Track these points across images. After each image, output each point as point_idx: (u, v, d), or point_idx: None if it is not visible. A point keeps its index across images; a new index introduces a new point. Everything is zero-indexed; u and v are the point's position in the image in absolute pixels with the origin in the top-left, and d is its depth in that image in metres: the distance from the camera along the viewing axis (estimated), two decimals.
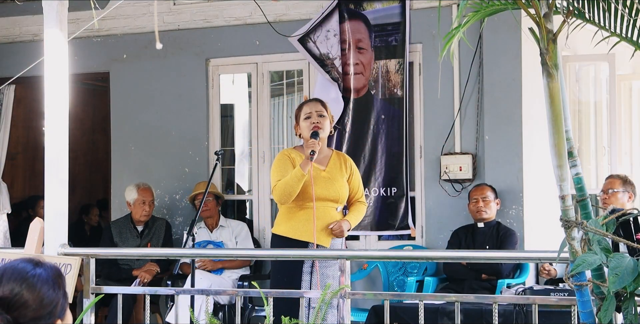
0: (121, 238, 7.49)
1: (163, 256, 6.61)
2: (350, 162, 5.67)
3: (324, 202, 5.44)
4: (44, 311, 2.19)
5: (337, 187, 5.48)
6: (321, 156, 5.54)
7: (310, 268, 5.35)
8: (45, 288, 2.20)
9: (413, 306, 5.36)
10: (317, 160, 5.48)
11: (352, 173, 5.62)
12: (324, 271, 5.35)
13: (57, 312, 2.21)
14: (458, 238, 6.76)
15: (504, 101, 6.90)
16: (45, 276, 2.21)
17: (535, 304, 4.35)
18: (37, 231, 4.92)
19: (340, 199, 5.51)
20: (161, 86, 7.95)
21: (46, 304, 2.19)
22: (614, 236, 3.38)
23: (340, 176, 5.54)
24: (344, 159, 5.66)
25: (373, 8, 7.26)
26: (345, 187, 5.54)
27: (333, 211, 5.48)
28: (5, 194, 8.38)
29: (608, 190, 6.52)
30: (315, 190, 5.39)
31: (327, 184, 5.46)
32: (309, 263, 5.36)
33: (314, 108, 5.52)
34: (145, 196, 7.49)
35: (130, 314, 7.16)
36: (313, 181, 5.38)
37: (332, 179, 5.50)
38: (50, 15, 4.96)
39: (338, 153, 5.72)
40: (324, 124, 5.49)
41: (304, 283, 5.32)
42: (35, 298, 2.17)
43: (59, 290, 2.23)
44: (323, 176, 5.48)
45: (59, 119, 4.96)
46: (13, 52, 8.22)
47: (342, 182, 5.53)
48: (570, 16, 3.48)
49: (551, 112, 3.42)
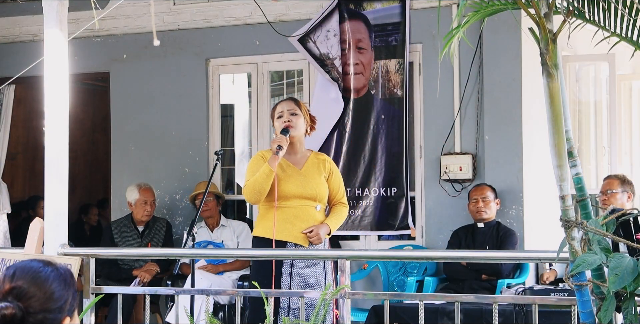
0: (122, 238, 7.49)
1: (163, 256, 6.60)
2: (330, 162, 5.54)
3: (301, 200, 5.33)
4: (53, 306, 2.26)
5: (313, 185, 5.36)
6: (298, 156, 5.46)
7: (289, 268, 5.28)
8: (55, 284, 2.28)
9: (413, 306, 5.36)
10: (294, 160, 5.43)
11: (331, 173, 5.48)
12: (304, 271, 5.28)
13: (66, 309, 2.29)
14: (458, 238, 6.76)
15: (504, 101, 6.90)
16: (56, 273, 2.30)
17: (535, 304, 4.35)
18: (37, 231, 4.92)
19: (318, 197, 5.37)
20: (161, 86, 7.95)
21: (56, 299, 2.26)
22: (614, 236, 3.38)
23: (318, 175, 5.41)
24: (322, 159, 5.52)
25: (373, 8, 7.27)
26: (323, 185, 5.42)
27: (312, 210, 5.36)
28: (5, 194, 8.39)
29: (607, 191, 6.51)
30: (291, 188, 5.32)
31: (302, 182, 5.35)
32: (288, 263, 5.28)
33: (286, 107, 5.43)
34: (146, 196, 7.49)
35: (130, 314, 7.16)
36: (288, 179, 5.32)
37: (308, 177, 5.38)
38: (50, 15, 4.96)
39: (317, 154, 5.59)
40: (296, 122, 5.38)
41: (282, 283, 5.25)
42: (45, 292, 2.25)
43: (68, 288, 2.31)
44: (299, 174, 5.39)
45: (59, 119, 4.96)
46: (13, 52, 8.22)
47: (319, 181, 5.39)
48: (570, 16, 3.48)
49: (551, 112, 3.42)
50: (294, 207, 5.33)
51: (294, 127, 5.38)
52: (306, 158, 5.48)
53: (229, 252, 6.72)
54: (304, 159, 5.48)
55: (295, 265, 5.29)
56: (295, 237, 5.31)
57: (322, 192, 5.40)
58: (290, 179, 5.34)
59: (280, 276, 5.27)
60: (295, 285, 5.26)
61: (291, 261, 5.27)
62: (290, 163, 5.42)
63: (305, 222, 5.33)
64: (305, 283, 5.27)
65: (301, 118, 5.42)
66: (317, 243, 5.31)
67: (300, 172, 5.40)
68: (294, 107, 5.44)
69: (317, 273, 5.30)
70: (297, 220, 5.32)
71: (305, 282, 5.27)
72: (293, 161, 5.44)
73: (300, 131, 5.42)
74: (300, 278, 5.27)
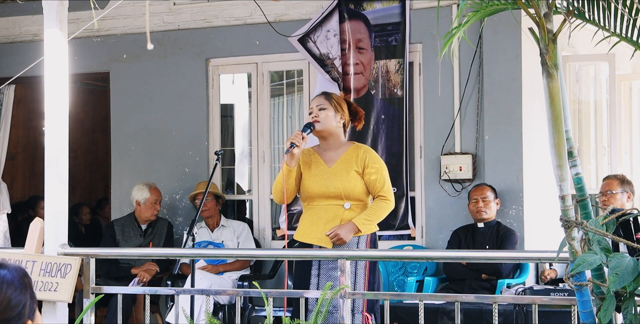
0: (124, 236, 7.50)
1: (163, 256, 6.61)
2: (367, 154, 5.29)
3: (326, 200, 5.21)
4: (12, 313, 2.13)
5: (338, 183, 5.20)
6: (333, 152, 5.32)
7: (317, 270, 5.21)
8: (11, 289, 2.14)
9: (413, 306, 5.36)
10: (328, 157, 5.31)
11: (366, 165, 5.23)
12: (331, 273, 5.16)
13: (26, 313, 2.15)
14: (458, 238, 6.76)
15: (504, 101, 6.90)
16: (10, 277, 2.15)
17: (535, 304, 4.35)
18: (37, 231, 4.92)
19: (344, 195, 5.20)
20: (161, 86, 7.95)
21: (14, 306, 2.13)
22: (614, 236, 3.38)
23: (347, 171, 5.23)
24: (360, 152, 5.29)
25: (373, 8, 7.27)
26: (352, 181, 5.21)
27: (339, 209, 5.22)
28: (5, 194, 8.39)
29: (606, 191, 6.50)
30: (314, 188, 5.23)
31: (326, 181, 5.22)
32: (316, 265, 5.19)
33: (315, 103, 5.34)
34: (157, 196, 7.53)
35: (129, 314, 7.16)
36: (313, 178, 5.24)
37: (334, 174, 5.24)
38: (50, 15, 4.96)
39: (357, 146, 5.35)
40: (324, 116, 5.25)
41: (311, 285, 5.18)
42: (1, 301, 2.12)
43: (25, 291, 2.16)
44: (325, 172, 5.25)
45: (59, 119, 4.96)
46: (13, 52, 8.22)
47: (346, 177, 5.21)
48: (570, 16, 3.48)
49: (551, 112, 3.42)
50: (319, 208, 5.24)
51: (320, 122, 5.26)
52: (343, 152, 5.32)
53: (229, 252, 6.72)
54: (340, 154, 5.32)
55: (322, 266, 5.19)
56: (319, 239, 5.19)
57: (349, 189, 5.21)
58: (314, 179, 5.24)
59: (310, 278, 5.20)
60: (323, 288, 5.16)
61: (318, 262, 5.17)
62: (323, 160, 5.31)
63: (330, 223, 5.20)
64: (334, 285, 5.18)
65: (331, 111, 5.27)
66: (340, 244, 5.15)
67: (328, 170, 5.26)
68: (322, 101, 5.31)
69: None
70: (320, 221, 5.21)
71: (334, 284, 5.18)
72: (327, 157, 5.32)
73: (328, 124, 5.27)
74: (329, 279, 5.11)
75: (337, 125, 5.31)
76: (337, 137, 5.34)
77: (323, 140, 5.35)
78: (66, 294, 4.80)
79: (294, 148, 5.13)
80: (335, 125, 5.30)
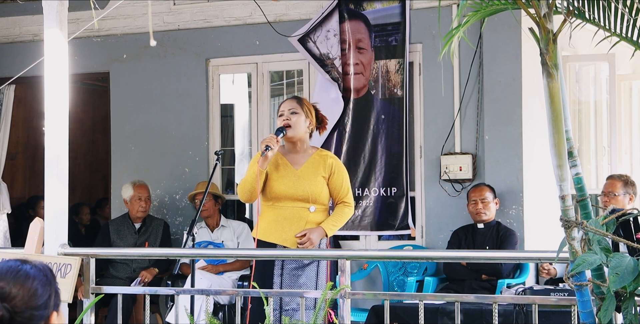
0: (119, 235, 7.54)
1: (163, 256, 6.61)
2: (332, 159, 5.42)
3: (293, 202, 5.28)
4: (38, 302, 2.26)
5: (306, 186, 5.28)
6: (299, 155, 5.40)
7: (280, 270, 5.26)
8: (37, 281, 2.27)
9: (413, 306, 5.36)
10: (294, 160, 5.39)
11: (332, 172, 5.35)
12: (295, 272, 5.25)
13: (51, 304, 2.28)
14: (458, 238, 6.76)
15: (504, 101, 6.90)
16: (35, 271, 2.29)
17: (535, 304, 4.35)
18: (37, 231, 4.92)
19: (311, 198, 5.28)
20: (161, 86, 7.95)
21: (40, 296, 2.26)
22: (614, 236, 3.38)
23: (314, 175, 5.32)
24: (325, 156, 5.41)
25: (373, 8, 7.27)
26: (319, 186, 5.30)
27: (304, 212, 5.30)
28: (5, 194, 8.39)
29: (609, 193, 6.48)
30: (282, 189, 5.29)
31: (295, 183, 5.29)
32: (279, 265, 5.26)
33: (287, 106, 5.39)
34: (140, 192, 7.53)
35: (129, 314, 7.16)
36: (281, 180, 5.30)
37: (303, 177, 5.31)
38: (50, 15, 4.96)
39: (321, 152, 5.47)
40: (295, 121, 5.33)
41: (274, 285, 5.24)
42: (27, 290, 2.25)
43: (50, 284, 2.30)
44: (293, 174, 5.33)
45: (59, 119, 4.96)
46: (13, 52, 8.23)
47: (314, 181, 5.30)
48: (570, 16, 3.48)
49: (551, 112, 3.42)
50: (285, 209, 5.30)
51: (292, 127, 5.33)
52: (308, 157, 5.41)
53: (229, 252, 6.72)
54: (305, 158, 5.41)
55: (285, 266, 5.26)
56: (284, 240, 5.27)
57: (316, 193, 5.31)
58: (282, 180, 5.31)
59: (272, 277, 5.26)
60: (286, 286, 5.24)
61: (282, 262, 5.25)
62: (289, 162, 5.38)
63: (295, 224, 5.29)
64: (297, 284, 5.25)
65: (302, 117, 5.35)
66: (309, 247, 5.22)
67: (295, 173, 5.34)
68: (295, 105, 5.38)
69: (309, 274, 5.27)
70: (286, 222, 5.29)
71: (297, 283, 5.25)
72: (293, 160, 5.40)
73: (299, 129, 5.35)
74: (293, 279, 5.24)
75: (306, 130, 5.42)
76: (304, 142, 5.44)
77: (290, 144, 5.43)
78: (66, 294, 4.80)
79: (268, 151, 5.21)
80: (304, 130, 5.40)
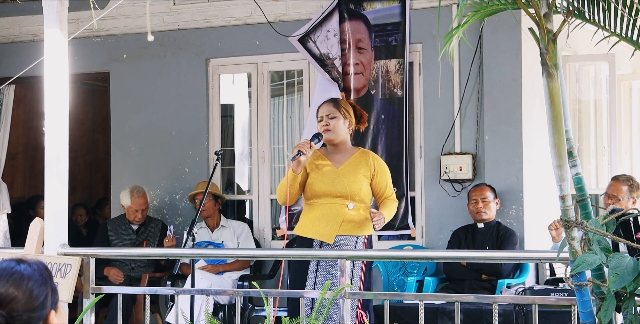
0: (117, 235, 7.56)
1: (163, 256, 6.61)
2: (376, 161, 5.55)
3: (332, 198, 5.39)
4: (36, 303, 2.24)
5: (346, 183, 5.39)
6: (341, 155, 5.52)
7: (315, 266, 5.34)
8: (32, 281, 2.26)
9: (413, 306, 5.36)
10: (336, 159, 5.50)
11: (376, 172, 5.50)
12: (329, 270, 5.31)
13: (48, 303, 2.27)
14: (458, 238, 6.76)
15: (504, 101, 6.90)
16: (30, 271, 2.28)
17: (535, 304, 4.35)
18: (37, 231, 4.92)
19: (350, 195, 5.39)
20: (161, 86, 7.95)
21: (37, 296, 2.25)
22: (614, 236, 3.38)
23: (355, 173, 5.44)
24: (368, 157, 5.54)
25: (373, 8, 7.26)
26: (360, 183, 5.42)
27: (342, 209, 5.38)
28: (5, 194, 8.39)
29: (612, 195, 6.41)
30: (321, 186, 5.39)
31: (334, 180, 5.41)
32: (315, 261, 5.34)
33: (325, 112, 5.52)
34: (137, 206, 7.51)
35: (129, 314, 7.16)
36: (321, 178, 5.39)
37: (342, 175, 5.43)
38: (50, 15, 4.96)
39: (364, 152, 5.61)
40: (334, 125, 5.46)
41: (308, 281, 5.31)
42: (24, 292, 2.23)
43: (46, 283, 2.29)
44: (333, 172, 5.44)
45: (59, 119, 4.96)
46: (13, 52, 8.22)
47: (354, 179, 5.42)
48: (570, 16, 3.48)
49: (551, 112, 3.42)
50: (324, 205, 5.40)
51: (332, 131, 5.46)
52: (349, 156, 5.53)
53: (229, 252, 6.72)
54: (347, 157, 5.53)
55: (321, 263, 5.34)
56: (320, 235, 5.36)
57: (355, 190, 5.41)
58: (321, 178, 5.42)
59: (307, 273, 5.34)
60: (320, 283, 5.29)
61: (317, 260, 5.32)
62: (331, 162, 5.49)
63: (332, 220, 5.37)
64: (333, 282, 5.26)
65: (340, 120, 5.48)
66: (378, 225, 5.32)
67: (335, 171, 5.45)
68: (332, 110, 5.51)
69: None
70: (323, 218, 5.38)
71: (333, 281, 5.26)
72: (335, 159, 5.51)
73: (340, 133, 5.49)
74: (327, 276, 5.29)
75: (346, 132, 5.54)
76: (346, 143, 5.57)
77: (332, 146, 5.55)
78: (66, 294, 4.80)
79: (300, 156, 5.27)
80: (345, 132, 5.53)
